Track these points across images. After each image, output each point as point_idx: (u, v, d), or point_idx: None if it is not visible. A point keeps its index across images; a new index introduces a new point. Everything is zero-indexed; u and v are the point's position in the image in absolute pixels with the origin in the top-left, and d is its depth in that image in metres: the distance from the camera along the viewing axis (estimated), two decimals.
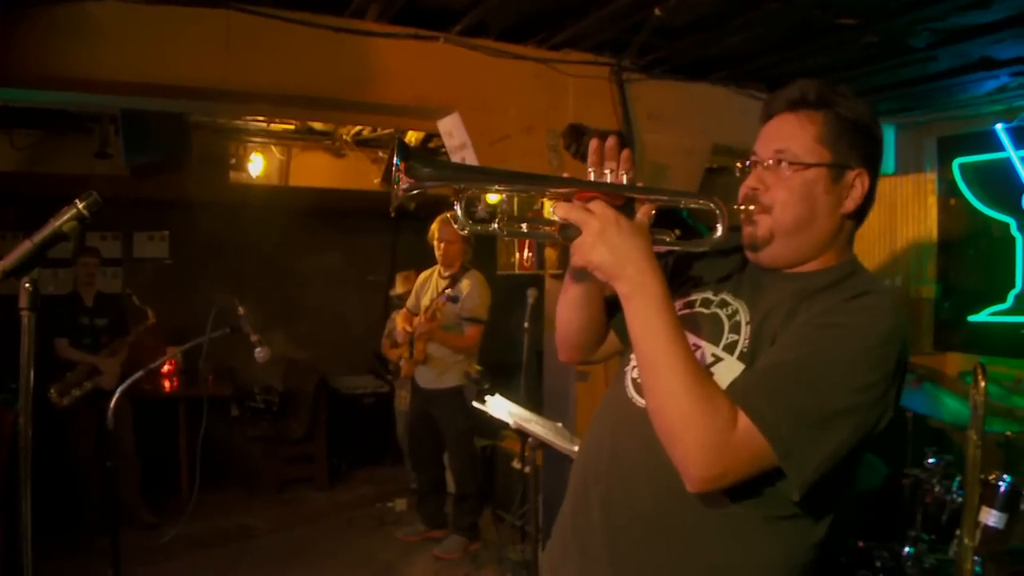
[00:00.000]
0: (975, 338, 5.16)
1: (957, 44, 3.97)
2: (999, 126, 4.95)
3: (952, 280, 5.43)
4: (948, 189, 5.39)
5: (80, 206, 1.52)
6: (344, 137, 6.51)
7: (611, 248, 1.36)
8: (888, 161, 5.67)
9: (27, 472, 1.53)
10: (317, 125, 6.36)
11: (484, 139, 4.20)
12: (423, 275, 5.71)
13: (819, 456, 1.34)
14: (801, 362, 1.37)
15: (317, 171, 6.66)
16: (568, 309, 1.75)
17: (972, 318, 5.20)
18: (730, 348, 1.52)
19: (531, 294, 4.33)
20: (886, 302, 1.46)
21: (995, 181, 5.07)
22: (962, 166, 5.26)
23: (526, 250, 4.56)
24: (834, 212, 1.52)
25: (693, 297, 1.65)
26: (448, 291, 5.23)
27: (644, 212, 1.46)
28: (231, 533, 5.88)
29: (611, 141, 1.50)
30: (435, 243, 5.43)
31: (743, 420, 1.33)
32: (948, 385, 4.34)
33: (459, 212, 1.43)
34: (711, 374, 1.46)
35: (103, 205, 1.54)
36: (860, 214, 1.57)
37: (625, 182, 1.49)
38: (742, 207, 1.54)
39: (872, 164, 1.54)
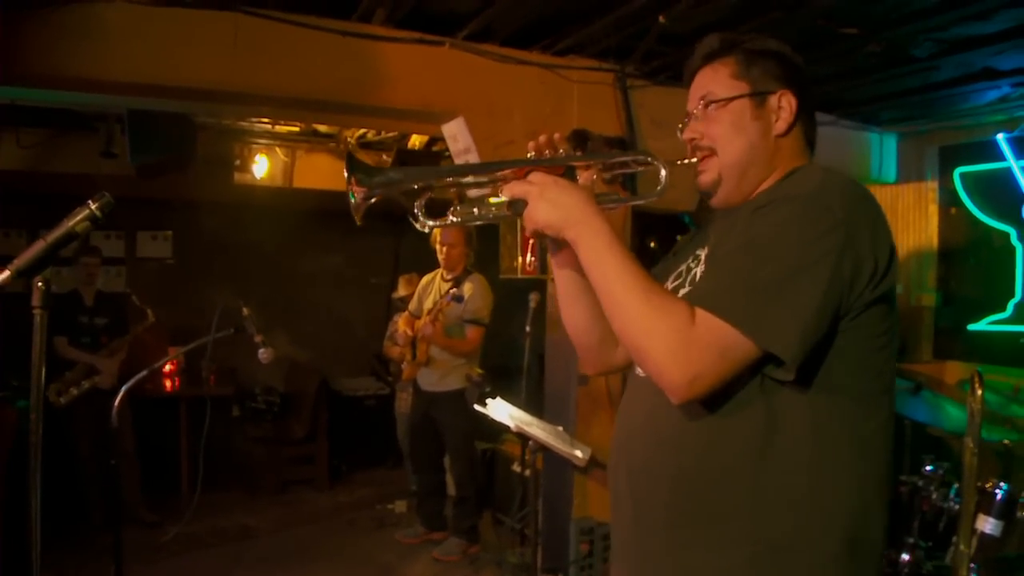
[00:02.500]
0: (975, 347, 5.18)
1: (959, 54, 4.00)
2: (1000, 136, 4.98)
3: (952, 289, 5.45)
4: (949, 198, 5.42)
5: (93, 207, 1.54)
6: (348, 139, 6.53)
7: (552, 203, 1.45)
8: (890, 170, 5.70)
9: (37, 468, 1.55)
10: (322, 127, 6.39)
11: (488, 144, 4.22)
12: (426, 278, 5.73)
13: (792, 319, 1.33)
14: (742, 247, 1.40)
15: (321, 173, 6.68)
16: (567, 306, 1.77)
17: (972, 327, 5.22)
18: (693, 281, 1.59)
19: (533, 298, 4.35)
20: (815, 169, 1.50)
21: (996, 190, 5.09)
22: (963, 175, 5.29)
23: (528, 254, 4.57)
24: (767, 134, 1.58)
25: (679, 269, 1.70)
26: (453, 291, 5.25)
27: (585, 177, 1.58)
28: (231, 533, 5.89)
29: (557, 135, 1.57)
30: (437, 247, 5.44)
31: (701, 313, 1.34)
32: (947, 393, 4.35)
33: (418, 213, 1.56)
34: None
35: (115, 206, 1.57)
36: (805, 135, 1.63)
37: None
38: (687, 160, 1.64)
39: (794, 83, 1.60)
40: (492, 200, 1.58)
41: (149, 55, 3.53)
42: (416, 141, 6.15)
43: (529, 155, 1.57)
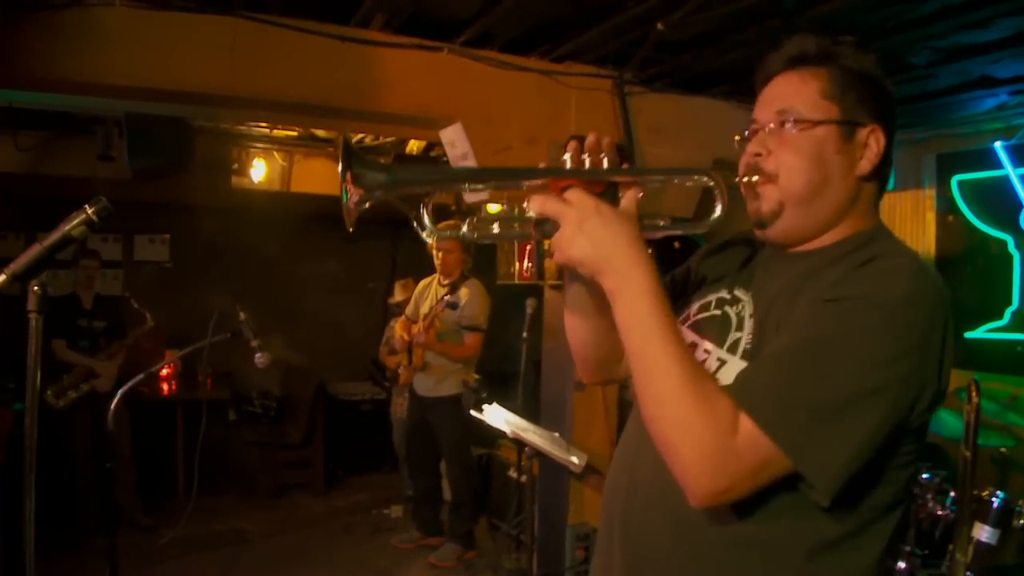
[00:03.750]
0: (972, 355, 5.17)
1: (957, 62, 4.00)
2: (998, 144, 4.97)
3: (950, 296, 5.44)
4: (946, 206, 5.41)
5: (90, 211, 1.55)
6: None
7: (592, 239, 1.21)
8: None
9: (31, 473, 1.55)
10: (320, 132, 6.38)
11: (486, 150, 4.22)
12: (423, 283, 5.73)
13: (842, 451, 1.16)
14: (804, 347, 1.21)
15: (319, 178, 6.68)
16: (573, 319, 1.56)
17: (969, 335, 5.21)
18: (734, 347, 1.37)
19: (530, 304, 4.34)
20: (905, 263, 1.27)
21: (993, 198, 5.09)
22: (961, 183, 5.28)
23: (526, 260, 4.58)
24: (848, 174, 1.36)
25: (708, 299, 1.49)
26: (447, 297, 5.25)
27: (630, 198, 1.32)
28: (227, 537, 5.89)
29: (591, 139, 1.31)
30: (434, 252, 5.45)
31: (745, 422, 1.16)
32: (945, 401, 4.35)
33: (424, 219, 1.30)
34: (714, 378, 1.27)
35: (112, 211, 1.57)
36: (880, 177, 1.40)
37: (606, 166, 1.32)
38: (744, 179, 1.38)
39: (886, 120, 1.38)
40: (515, 216, 1.32)
41: (147, 59, 3.53)
42: (414, 146, 6.16)
43: (565, 158, 1.30)
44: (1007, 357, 4.97)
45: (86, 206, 1.54)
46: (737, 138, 1.45)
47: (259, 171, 6.48)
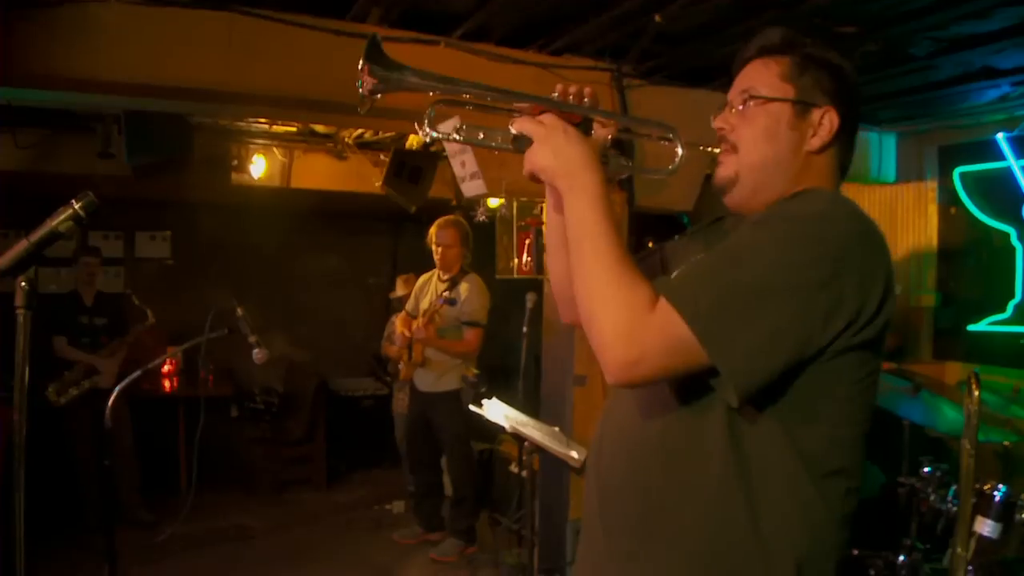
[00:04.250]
0: (974, 347, 5.16)
1: (958, 53, 3.97)
2: (1000, 135, 4.95)
3: (952, 289, 5.43)
4: (949, 198, 5.39)
5: (76, 206, 1.53)
6: (346, 140, 6.52)
7: (554, 150, 1.42)
8: (889, 169, 5.68)
9: (21, 469, 1.54)
10: (319, 128, 6.37)
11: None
12: (422, 278, 5.72)
13: (746, 338, 1.26)
14: (724, 250, 1.35)
15: (319, 173, 6.66)
16: (552, 253, 1.74)
17: (971, 327, 5.20)
18: None
19: (530, 298, 4.33)
20: (825, 194, 1.44)
21: (996, 190, 5.07)
22: (963, 175, 5.26)
23: (525, 254, 4.57)
24: (798, 149, 1.50)
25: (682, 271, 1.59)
26: (446, 294, 5.25)
27: (602, 133, 1.56)
28: (229, 533, 5.89)
29: (574, 88, 1.55)
30: (433, 247, 5.44)
31: (662, 303, 1.28)
32: (947, 394, 4.33)
33: (425, 120, 1.49)
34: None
35: (99, 205, 1.56)
36: (839, 160, 1.55)
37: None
38: (710, 149, 1.60)
39: (842, 103, 1.51)
40: (499, 129, 1.53)
41: (144, 55, 3.52)
42: (414, 141, 6.14)
43: (554, 95, 1.54)
44: (1010, 350, 4.95)
45: (72, 201, 1.53)
46: (712, 119, 1.61)
47: (259, 167, 6.46)
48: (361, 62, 1.37)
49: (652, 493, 1.44)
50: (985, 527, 3.06)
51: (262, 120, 6.04)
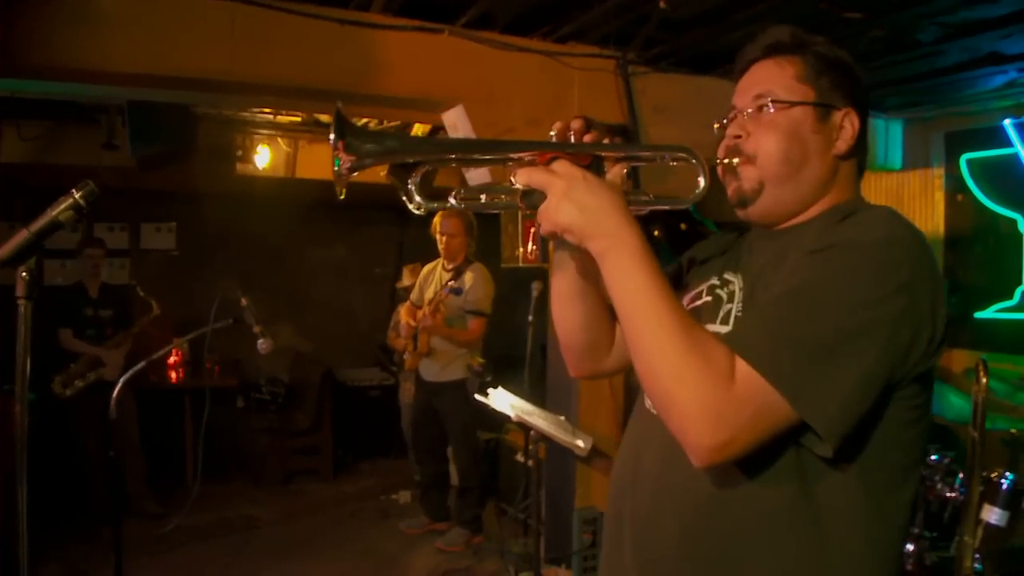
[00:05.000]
0: (981, 335, 5.14)
1: (965, 39, 3.95)
2: (1007, 121, 4.93)
3: (958, 276, 5.41)
4: (955, 185, 5.37)
5: (77, 196, 1.53)
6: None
7: (579, 205, 1.22)
8: (895, 156, 5.65)
9: (23, 461, 1.54)
10: (324, 117, 6.35)
11: (489, 132, 4.19)
12: (427, 268, 5.72)
13: (838, 390, 1.16)
14: (794, 292, 1.23)
15: (324, 163, 6.63)
16: (561, 305, 1.58)
17: (978, 315, 5.18)
18: (726, 319, 1.41)
19: (535, 287, 4.32)
20: (882, 212, 1.32)
21: (1003, 177, 5.05)
22: (969, 161, 5.24)
23: (530, 243, 4.54)
24: (825, 153, 1.41)
25: (700, 288, 1.53)
26: (451, 283, 5.24)
27: (615, 172, 1.38)
28: (235, 524, 5.90)
29: (577, 123, 1.37)
30: (437, 236, 5.43)
31: (741, 366, 1.16)
32: (953, 382, 4.33)
33: (412, 189, 1.34)
34: (707, 329, 1.28)
35: (100, 195, 1.55)
36: (857, 160, 1.47)
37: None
38: (725, 161, 1.44)
39: (859, 105, 1.44)
40: (502, 187, 1.36)
41: (147, 44, 3.51)
42: (418, 130, 6.12)
43: (551, 135, 1.37)
44: (1017, 337, 4.94)
45: (73, 190, 1.52)
46: (716, 126, 1.50)
47: (263, 157, 6.46)
48: (333, 139, 1.24)
49: (710, 547, 1.32)
50: (992, 515, 3.06)
51: (266, 110, 6.03)
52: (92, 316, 5.80)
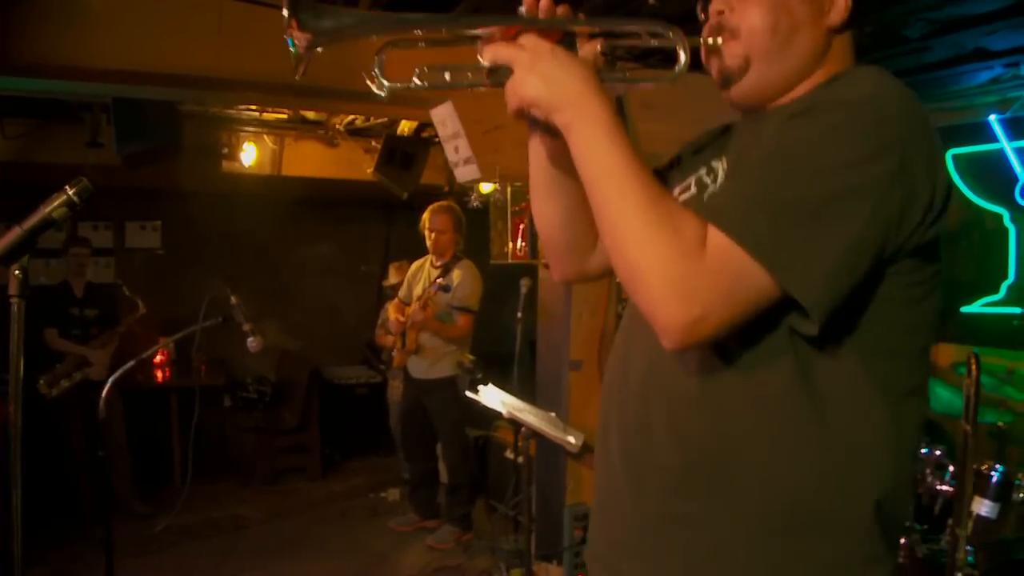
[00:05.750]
0: (968, 329, 5.17)
1: (951, 35, 3.96)
2: (993, 117, 4.95)
3: (945, 271, 5.42)
4: None
5: (70, 192, 1.51)
6: (337, 127, 6.49)
7: (545, 78, 1.17)
8: None
9: (17, 462, 1.52)
10: (310, 114, 6.34)
11: (477, 128, 4.17)
12: (415, 265, 5.71)
13: (824, 256, 1.07)
14: (773, 155, 1.13)
15: (310, 161, 6.63)
16: (538, 199, 1.51)
17: (965, 309, 5.21)
18: (711, 199, 1.34)
19: (524, 284, 4.32)
20: (869, 71, 1.20)
21: (988, 172, 5.07)
22: (955, 157, 5.26)
23: (519, 240, 4.55)
24: (816, 24, 1.30)
25: (688, 180, 1.44)
26: (439, 280, 5.23)
27: (588, 49, 1.29)
28: (224, 523, 5.88)
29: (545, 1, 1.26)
30: (426, 232, 5.42)
31: (714, 235, 1.08)
32: (941, 376, 4.35)
33: (376, 72, 1.27)
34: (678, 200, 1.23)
35: (93, 192, 1.53)
36: (854, 34, 1.35)
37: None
38: (709, 40, 1.33)
39: None
40: (469, 67, 1.29)
41: (133, 41, 3.48)
42: (405, 127, 6.11)
43: (521, 10, 1.27)
44: (1004, 331, 4.96)
45: (66, 187, 1.50)
46: (700, 14, 1.41)
47: (249, 155, 6.42)
48: (286, 14, 1.15)
49: (702, 444, 1.23)
50: (983, 507, 3.08)
51: (252, 107, 6.00)
52: (78, 315, 5.76)
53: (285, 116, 6.34)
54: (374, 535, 5.64)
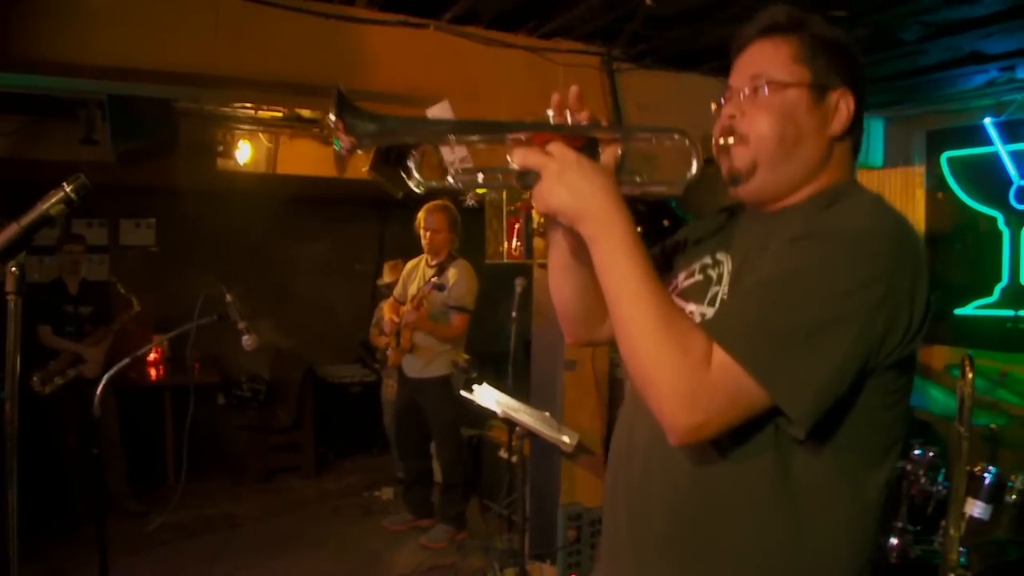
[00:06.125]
0: (961, 331, 5.18)
1: (947, 38, 3.98)
2: (988, 120, 4.97)
3: (939, 273, 5.45)
4: (936, 183, 5.41)
5: (68, 189, 1.51)
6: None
7: (571, 189, 1.27)
8: (877, 154, 5.69)
9: (13, 460, 1.52)
10: (305, 113, 6.31)
11: None
12: (410, 264, 5.70)
13: (813, 377, 1.20)
14: (773, 280, 1.26)
15: (305, 159, 6.60)
16: (556, 277, 1.62)
17: (959, 311, 5.22)
18: (713, 301, 1.44)
19: (519, 283, 4.32)
20: (866, 200, 1.35)
21: (983, 175, 5.09)
22: (950, 160, 5.28)
23: (514, 239, 4.55)
24: (820, 134, 1.42)
25: (693, 266, 1.56)
26: (434, 279, 5.23)
27: (609, 153, 1.41)
28: (217, 522, 5.87)
29: (574, 90, 1.40)
30: (421, 232, 5.42)
31: (718, 354, 1.20)
32: (934, 378, 4.36)
33: (412, 169, 1.37)
34: (689, 316, 1.36)
35: (91, 188, 1.53)
36: (853, 141, 1.47)
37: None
38: (720, 141, 1.45)
39: (855, 85, 1.44)
40: (500, 169, 1.37)
41: (130, 38, 3.47)
42: None
43: (549, 113, 1.38)
44: (997, 333, 4.98)
45: (64, 183, 1.50)
46: (714, 106, 1.51)
47: (244, 153, 6.40)
48: (333, 118, 1.24)
49: (692, 516, 1.38)
50: (976, 508, 3.09)
51: (248, 105, 5.98)
52: (72, 313, 5.75)
53: (280, 114, 6.31)
54: (368, 534, 5.64)
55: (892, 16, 3.74)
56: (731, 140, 1.44)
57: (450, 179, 1.39)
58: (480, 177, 1.40)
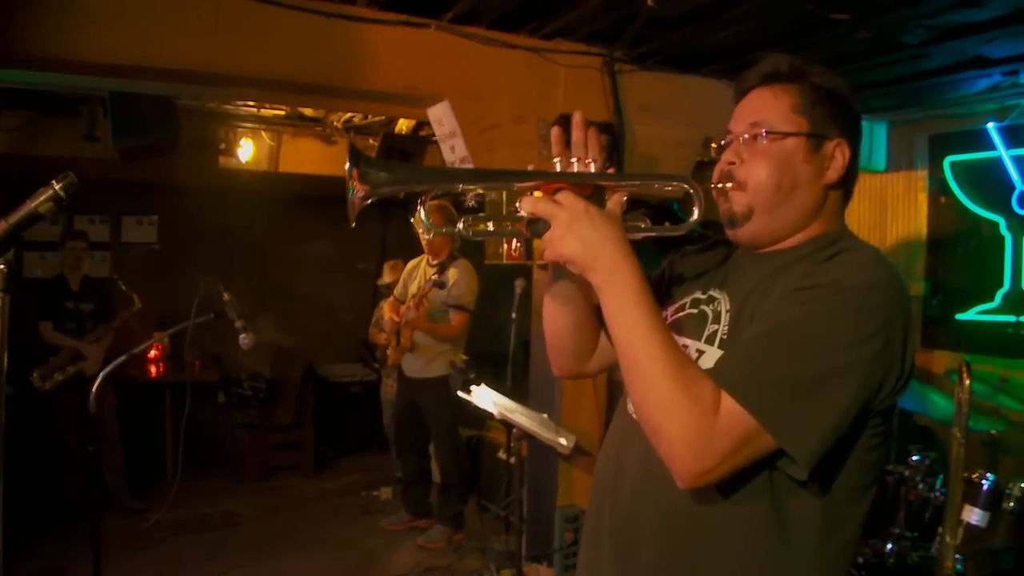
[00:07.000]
0: (962, 336, 5.17)
1: (950, 42, 3.95)
2: (991, 125, 4.94)
3: (941, 278, 5.43)
4: (939, 187, 5.39)
5: (57, 187, 1.49)
6: (335, 124, 6.48)
7: (581, 239, 1.30)
8: (879, 158, 5.67)
9: (0, 457, 1.51)
10: (307, 111, 6.33)
11: (474, 127, 4.17)
12: (411, 263, 5.70)
13: (817, 423, 1.26)
14: (780, 330, 1.32)
15: (307, 157, 6.62)
16: (553, 311, 1.67)
17: (960, 316, 5.20)
18: (711, 338, 1.48)
19: (519, 284, 4.32)
20: (866, 255, 1.40)
21: (986, 180, 5.07)
22: (953, 164, 5.26)
23: (514, 240, 4.54)
24: (815, 182, 1.47)
25: (684, 300, 1.61)
26: (435, 276, 5.22)
27: (615, 200, 1.44)
28: (215, 519, 5.87)
29: (578, 116, 1.45)
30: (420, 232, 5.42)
31: (727, 401, 1.25)
32: (935, 383, 4.35)
33: (422, 216, 1.46)
34: (696, 363, 1.38)
35: (81, 186, 1.52)
36: (845, 189, 1.53)
37: (593, 170, 1.45)
38: (718, 185, 1.50)
39: (851, 135, 1.50)
40: (509, 217, 1.41)
41: (131, 35, 3.48)
42: (403, 125, 6.11)
43: (555, 161, 1.45)
44: (998, 339, 4.96)
45: (53, 181, 1.49)
46: (714, 146, 1.57)
47: (247, 151, 6.42)
48: (348, 167, 1.29)
49: (682, 547, 1.42)
50: (973, 515, 3.07)
51: (250, 103, 6.00)
52: (73, 309, 5.75)
53: (283, 113, 6.33)
54: (366, 533, 5.64)
55: (895, 19, 3.72)
56: (729, 185, 1.49)
57: (460, 227, 1.44)
58: (490, 226, 1.44)
